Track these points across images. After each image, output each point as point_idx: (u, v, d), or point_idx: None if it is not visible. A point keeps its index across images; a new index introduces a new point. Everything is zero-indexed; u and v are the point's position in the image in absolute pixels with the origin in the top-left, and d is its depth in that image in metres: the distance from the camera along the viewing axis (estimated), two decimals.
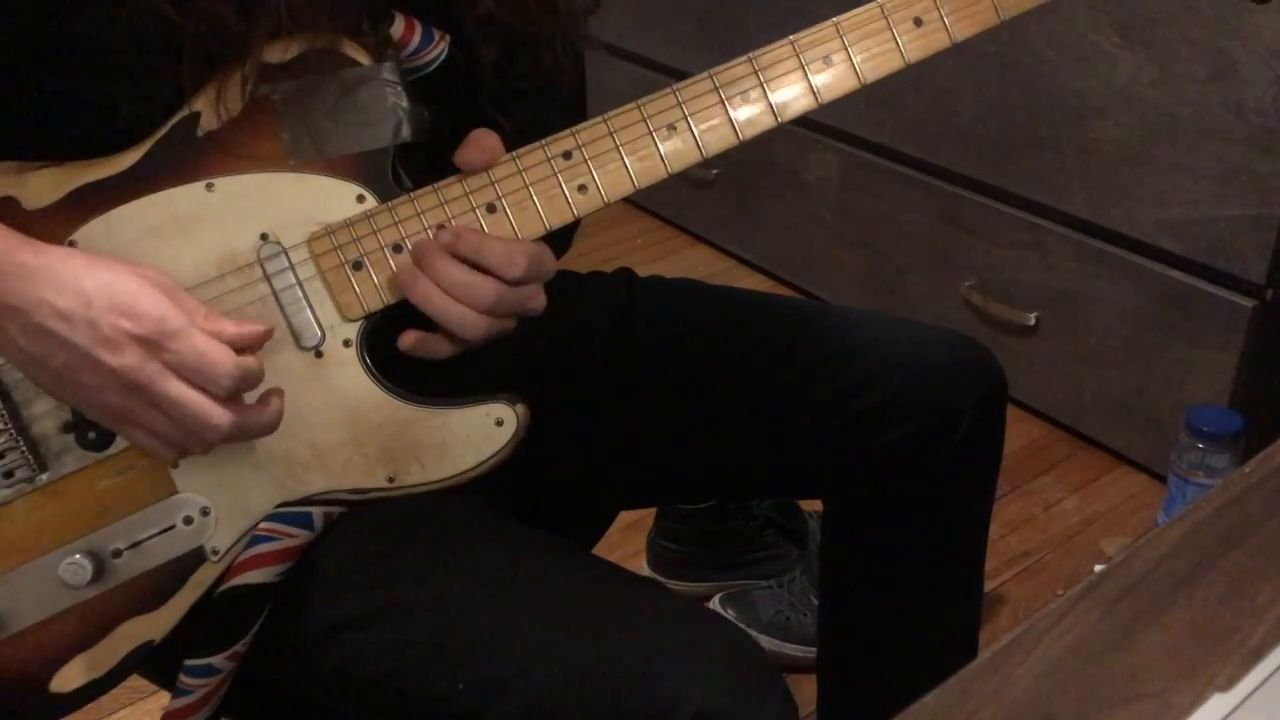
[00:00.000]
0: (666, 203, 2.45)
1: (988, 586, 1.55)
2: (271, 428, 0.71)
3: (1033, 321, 1.77)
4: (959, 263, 1.86)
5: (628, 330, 0.93)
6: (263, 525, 0.74)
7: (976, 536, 1.01)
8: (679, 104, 0.72)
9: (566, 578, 0.75)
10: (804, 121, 1.32)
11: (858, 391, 0.89)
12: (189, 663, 0.74)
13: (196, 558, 0.74)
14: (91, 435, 0.72)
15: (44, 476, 0.72)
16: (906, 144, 1.88)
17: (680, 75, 0.73)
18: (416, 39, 0.73)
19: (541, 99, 0.84)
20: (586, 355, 0.92)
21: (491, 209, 0.72)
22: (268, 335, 0.71)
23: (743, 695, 0.67)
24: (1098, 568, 0.58)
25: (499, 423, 0.74)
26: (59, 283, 0.65)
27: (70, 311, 0.65)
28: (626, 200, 0.77)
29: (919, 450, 0.90)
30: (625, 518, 1.06)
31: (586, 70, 0.91)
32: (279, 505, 0.74)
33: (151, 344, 0.65)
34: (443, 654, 0.71)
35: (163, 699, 0.75)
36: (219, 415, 0.67)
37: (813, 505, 1.46)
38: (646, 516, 1.54)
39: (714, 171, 2.28)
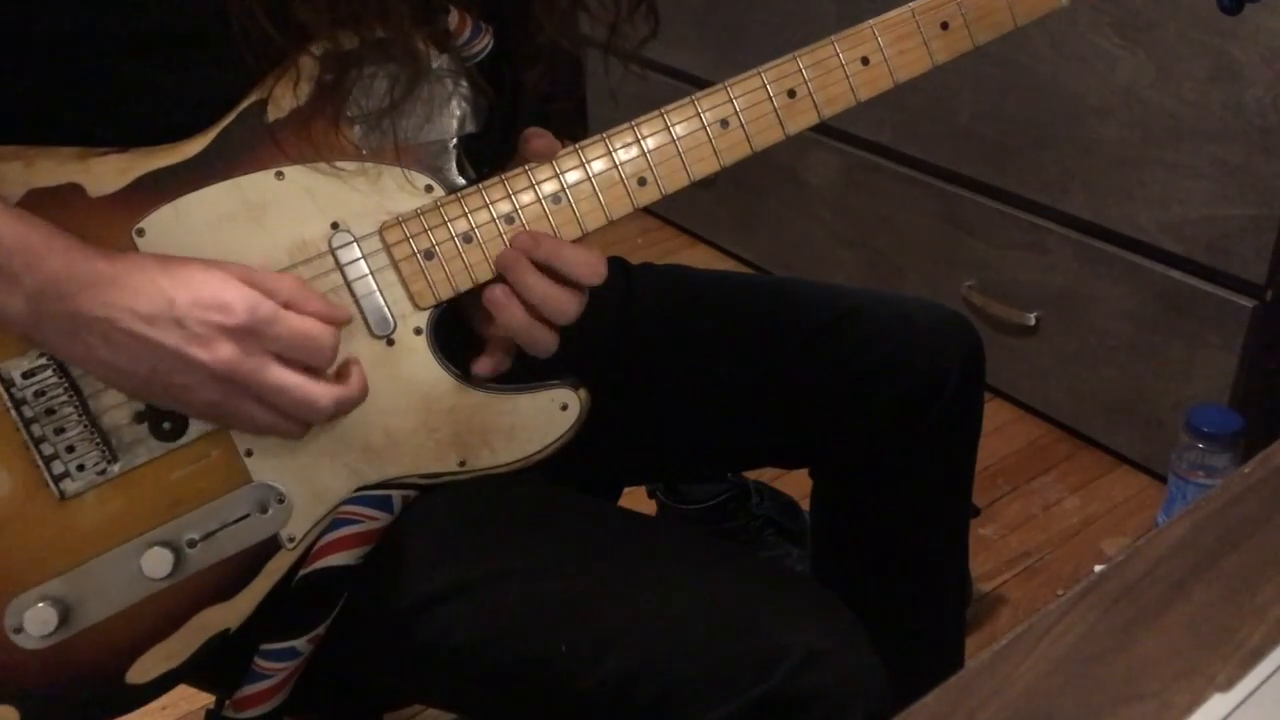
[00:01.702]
0: (666, 202, 2.44)
1: (988, 586, 1.56)
2: (362, 399, 0.72)
3: (1033, 321, 1.77)
4: (959, 263, 1.86)
5: (627, 315, 0.95)
6: (344, 508, 0.74)
7: (964, 491, 1.05)
8: (730, 99, 0.75)
9: (654, 540, 0.76)
10: None
11: (851, 357, 0.93)
12: (268, 646, 0.74)
13: (272, 545, 0.74)
14: (166, 425, 0.71)
15: (116, 467, 0.71)
16: (906, 144, 1.88)
17: (679, 75, 0.73)
18: (468, 31, 0.74)
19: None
20: (592, 340, 0.93)
21: (557, 200, 0.75)
22: (349, 319, 0.72)
23: (841, 640, 0.69)
24: (1098, 568, 0.58)
25: (564, 407, 0.76)
26: (136, 287, 0.65)
27: (154, 314, 0.64)
28: None
29: (911, 409, 0.93)
30: None
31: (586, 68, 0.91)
32: (357, 489, 0.75)
33: (249, 333, 0.65)
34: (540, 618, 0.71)
35: (162, 699, 0.75)
36: (323, 394, 0.68)
37: None
38: None
39: None
